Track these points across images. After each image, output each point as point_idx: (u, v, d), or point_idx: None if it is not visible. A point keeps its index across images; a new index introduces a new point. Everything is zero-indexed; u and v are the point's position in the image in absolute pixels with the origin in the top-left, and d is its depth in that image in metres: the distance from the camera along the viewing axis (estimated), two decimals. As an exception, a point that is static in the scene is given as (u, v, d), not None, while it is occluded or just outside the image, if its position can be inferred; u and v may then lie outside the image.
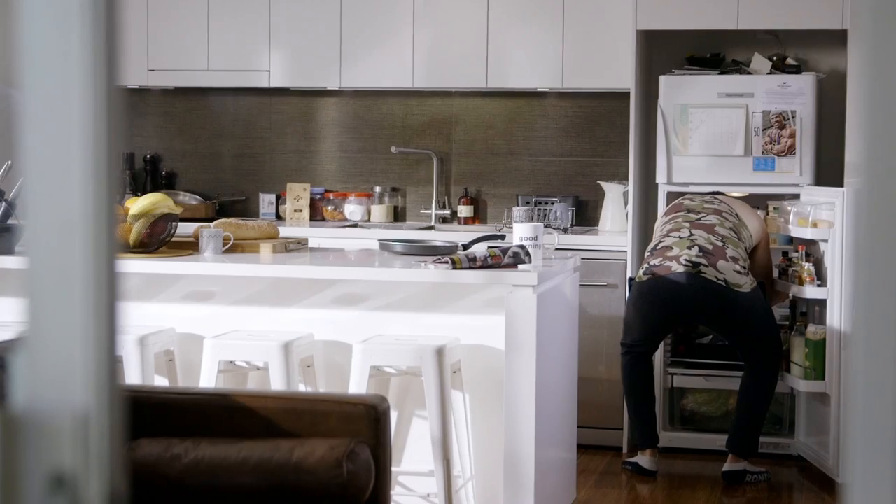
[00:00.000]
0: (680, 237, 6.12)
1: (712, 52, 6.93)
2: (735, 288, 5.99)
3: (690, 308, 6.11)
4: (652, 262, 6.13)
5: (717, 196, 6.39)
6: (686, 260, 6.01)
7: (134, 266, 5.02)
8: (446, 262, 4.85)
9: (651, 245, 6.26)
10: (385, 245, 5.45)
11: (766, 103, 6.60)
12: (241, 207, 7.92)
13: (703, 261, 6.00)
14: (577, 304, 5.71)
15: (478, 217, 7.59)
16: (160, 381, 5.17)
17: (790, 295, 6.37)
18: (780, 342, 6.21)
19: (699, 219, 6.18)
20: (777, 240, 6.66)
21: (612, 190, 7.12)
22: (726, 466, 6.21)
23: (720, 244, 6.08)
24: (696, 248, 6.04)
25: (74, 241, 1.24)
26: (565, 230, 7.08)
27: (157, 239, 5.24)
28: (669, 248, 6.10)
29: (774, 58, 6.78)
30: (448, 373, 4.86)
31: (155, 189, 7.71)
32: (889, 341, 1.20)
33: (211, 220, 6.73)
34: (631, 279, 6.34)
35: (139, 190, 7.75)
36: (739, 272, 6.03)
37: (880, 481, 1.21)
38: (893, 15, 1.19)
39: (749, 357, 6.17)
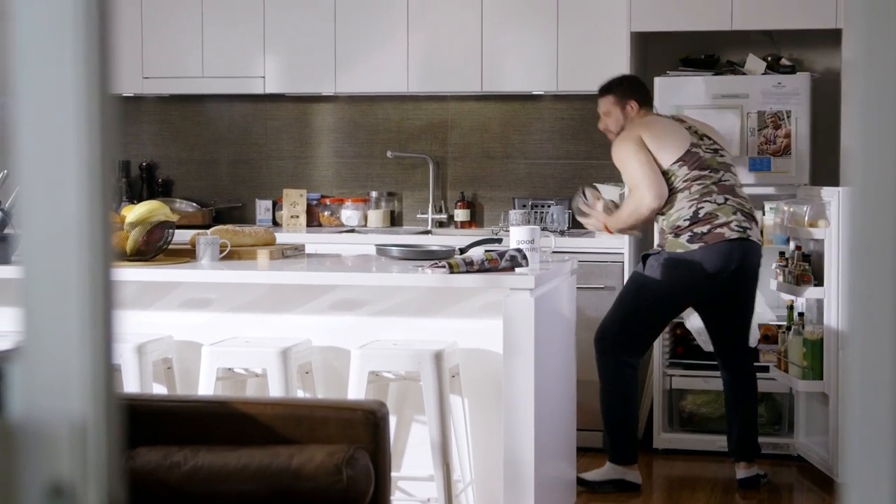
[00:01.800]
0: (717, 203, 5.94)
1: (706, 54, 6.93)
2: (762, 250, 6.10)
3: (739, 276, 5.97)
4: (698, 230, 5.91)
5: (710, 139, 6.15)
6: (737, 226, 5.92)
7: (131, 274, 5.02)
8: (443, 267, 4.85)
9: (683, 215, 5.97)
10: (382, 250, 5.45)
11: (762, 104, 6.60)
12: (237, 214, 7.92)
13: (748, 225, 5.97)
14: (574, 307, 5.71)
15: (474, 221, 7.59)
16: (158, 389, 5.16)
17: (793, 298, 6.38)
18: None
19: (721, 179, 6.00)
20: (774, 240, 6.66)
21: (608, 192, 7.11)
22: (741, 474, 6.14)
23: (749, 205, 6.04)
24: (740, 214, 5.95)
25: (70, 249, 1.24)
26: (562, 233, 7.08)
27: (154, 246, 5.23)
28: (715, 215, 5.93)
29: (769, 58, 6.78)
30: (447, 377, 4.86)
31: (151, 197, 7.71)
32: (886, 340, 1.20)
33: (207, 227, 6.73)
34: (647, 255, 6.07)
35: (135, 198, 7.75)
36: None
37: (879, 481, 1.21)
38: (886, 13, 1.19)
39: (738, 345, 6.12)
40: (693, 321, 6.67)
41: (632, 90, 6.16)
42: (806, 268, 6.24)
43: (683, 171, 5.93)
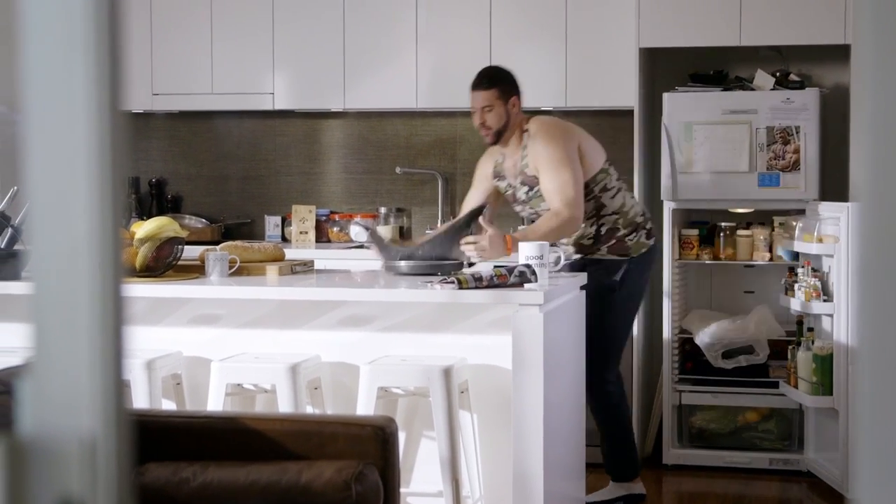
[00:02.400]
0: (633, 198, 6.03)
1: (715, 69, 6.94)
2: None
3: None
4: (649, 225, 5.92)
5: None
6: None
7: (140, 290, 5.03)
8: (452, 282, 4.85)
9: (637, 210, 5.89)
10: (389, 265, 5.44)
11: (770, 119, 6.60)
12: (246, 230, 7.93)
13: None
14: (583, 323, 5.70)
15: (483, 237, 7.58)
16: (168, 405, 5.16)
17: (802, 313, 6.37)
18: None
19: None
20: (783, 256, 6.66)
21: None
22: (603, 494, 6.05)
23: None
24: None
25: (80, 265, 1.24)
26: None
27: (164, 262, 5.24)
28: (646, 212, 6.01)
29: (778, 74, 6.78)
30: (456, 393, 4.85)
31: (160, 213, 7.72)
32: (895, 355, 1.20)
33: (217, 243, 6.73)
34: (630, 258, 5.81)
35: (145, 214, 7.76)
36: None
37: (890, 497, 1.21)
38: (894, 29, 1.19)
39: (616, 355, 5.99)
40: (702, 337, 6.66)
41: (516, 85, 5.81)
42: (815, 283, 6.23)
43: (613, 168, 5.91)
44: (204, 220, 7.86)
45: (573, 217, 5.58)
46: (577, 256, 5.84)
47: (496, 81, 5.77)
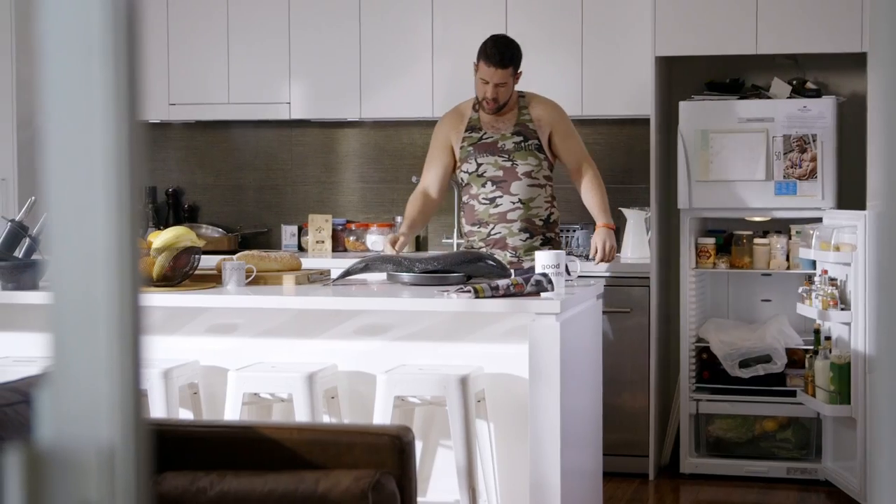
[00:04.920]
0: None
1: (732, 78, 6.93)
2: None
3: None
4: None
5: None
6: None
7: (157, 299, 5.04)
8: (469, 292, 4.85)
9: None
10: (392, 276, 5.43)
11: (787, 127, 6.59)
12: (263, 239, 7.94)
13: None
14: (600, 332, 5.70)
15: (500, 246, 7.58)
16: (185, 415, 5.17)
17: (820, 322, 6.36)
18: None
19: None
20: (800, 264, 6.65)
21: (633, 216, 7.11)
22: None
23: None
24: None
25: (98, 275, 1.25)
26: (587, 257, 7.07)
27: (180, 272, 5.25)
28: None
29: (794, 82, 6.77)
30: (472, 402, 4.85)
31: (177, 222, 7.73)
32: (914, 364, 1.20)
33: (233, 252, 6.75)
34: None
35: (162, 223, 7.77)
36: None
37: (908, 505, 1.21)
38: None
39: None
40: (719, 346, 6.65)
41: (522, 57, 6.03)
42: (833, 292, 6.22)
43: None
44: (221, 230, 7.87)
45: (597, 170, 6.10)
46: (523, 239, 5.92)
47: (515, 59, 5.94)
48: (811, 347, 6.49)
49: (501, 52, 5.88)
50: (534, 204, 5.89)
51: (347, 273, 5.43)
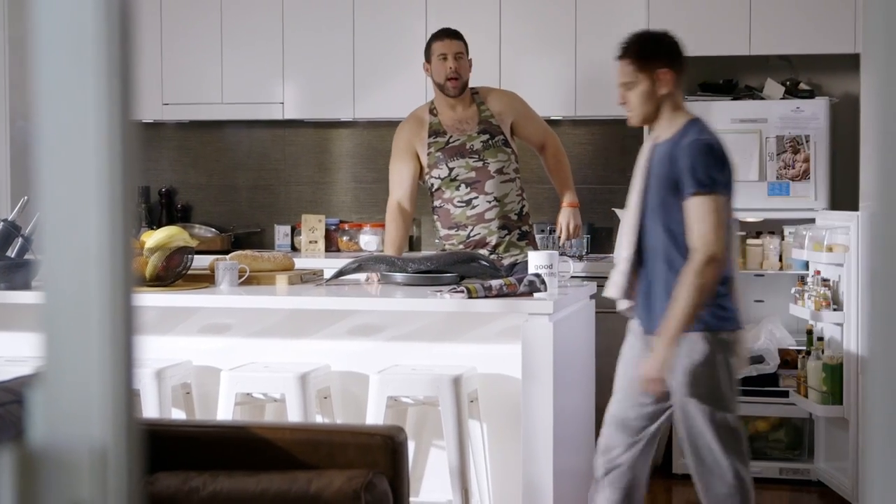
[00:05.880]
0: None
1: (725, 78, 6.94)
2: None
3: None
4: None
5: None
6: None
7: (150, 299, 5.03)
8: (462, 292, 4.85)
9: None
10: (386, 277, 5.43)
11: (780, 128, 6.60)
12: (256, 239, 7.94)
13: None
14: (593, 332, 5.70)
15: (493, 246, 7.58)
16: (177, 415, 5.17)
17: (812, 323, 6.36)
18: None
19: None
20: (793, 265, 6.65)
21: (625, 216, 7.10)
22: None
23: None
24: None
25: (91, 275, 1.25)
26: (580, 258, 7.07)
27: (173, 272, 5.24)
28: None
29: (787, 83, 6.78)
30: (465, 402, 4.85)
31: (170, 222, 7.73)
32: (906, 365, 1.20)
33: (226, 252, 6.75)
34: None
35: (155, 223, 7.77)
36: None
37: (900, 506, 1.21)
38: (905, 39, 1.19)
39: None
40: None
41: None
42: (825, 293, 6.22)
43: None
44: (214, 230, 7.86)
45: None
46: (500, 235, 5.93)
47: (462, 35, 6.08)
48: (803, 348, 6.49)
49: (447, 29, 6.10)
50: (507, 199, 5.92)
51: (340, 273, 5.43)
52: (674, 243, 4.29)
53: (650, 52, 4.52)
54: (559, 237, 6.01)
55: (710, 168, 4.22)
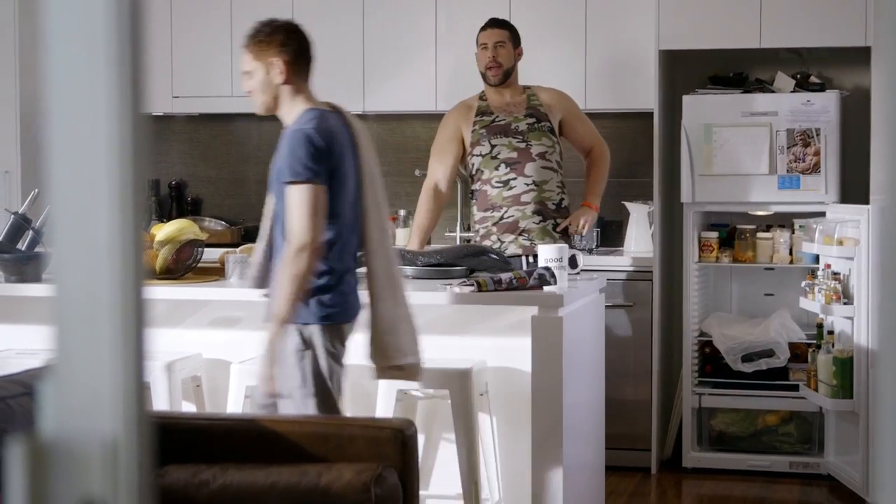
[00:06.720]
0: None
1: (735, 72, 6.92)
2: None
3: None
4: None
5: None
6: None
7: (160, 292, 5.04)
8: (472, 285, 4.85)
9: None
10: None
11: (791, 121, 6.59)
12: (266, 232, 7.93)
13: None
14: (603, 326, 5.70)
15: (503, 239, 7.57)
16: (188, 407, 5.17)
17: (823, 316, 6.36)
18: None
19: None
20: (803, 258, 6.65)
21: (636, 210, 7.11)
22: None
23: None
24: None
25: (101, 268, 1.25)
26: (590, 251, 7.06)
27: (184, 265, 5.25)
28: None
29: (798, 76, 6.77)
30: (475, 396, 4.85)
31: (181, 215, 7.73)
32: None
33: (237, 245, 6.74)
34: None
35: (165, 216, 7.77)
36: None
37: (910, 500, 1.21)
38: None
39: None
40: (722, 340, 6.65)
41: (520, 40, 6.20)
42: (835, 286, 6.21)
43: None
44: (224, 223, 7.86)
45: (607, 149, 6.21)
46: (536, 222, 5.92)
47: (509, 25, 6.17)
48: (814, 342, 6.49)
49: (494, 19, 6.19)
50: (546, 187, 5.90)
51: None
52: (283, 232, 4.30)
53: (263, 41, 4.59)
54: (569, 225, 5.97)
55: (306, 158, 4.24)
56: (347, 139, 4.44)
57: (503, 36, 6.06)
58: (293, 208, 4.22)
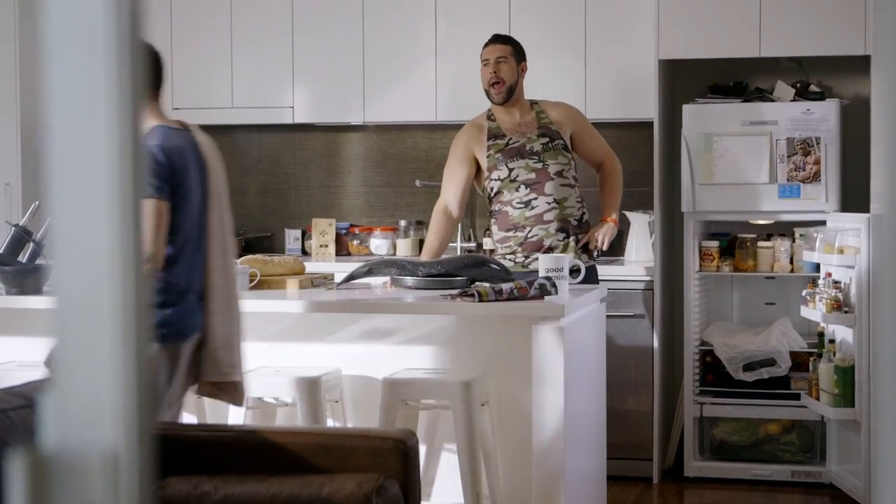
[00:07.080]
0: None
1: (735, 81, 6.93)
2: None
3: None
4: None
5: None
6: None
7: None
8: (472, 296, 4.85)
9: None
10: (396, 280, 5.43)
11: (791, 130, 6.59)
12: (266, 244, 7.94)
13: None
14: (604, 335, 5.70)
15: (503, 249, 7.57)
16: (189, 419, 5.17)
17: (824, 325, 6.35)
18: None
19: None
20: (804, 267, 6.65)
21: (637, 220, 7.11)
22: None
23: None
24: None
25: (102, 280, 1.25)
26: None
27: (184, 276, 5.24)
28: None
29: (798, 85, 6.77)
30: (476, 406, 4.85)
31: (181, 227, 7.72)
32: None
33: (237, 256, 6.75)
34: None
35: (165, 228, 7.76)
36: None
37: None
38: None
39: None
40: (723, 349, 6.64)
41: (525, 55, 6.12)
42: (836, 295, 6.21)
43: None
44: (224, 234, 7.86)
45: (619, 165, 6.20)
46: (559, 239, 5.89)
47: (512, 40, 6.11)
48: (815, 350, 6.48)
49: (497, 35, 6.14)
50: (567, 203, 5.90)
51: (351, 277, 5.43)
52: None
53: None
54: (589, 240, 5.95)
55: (147, 174, 4.27)
56: (194, 157, 4.46)
57: (505, 51, 6.00)
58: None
